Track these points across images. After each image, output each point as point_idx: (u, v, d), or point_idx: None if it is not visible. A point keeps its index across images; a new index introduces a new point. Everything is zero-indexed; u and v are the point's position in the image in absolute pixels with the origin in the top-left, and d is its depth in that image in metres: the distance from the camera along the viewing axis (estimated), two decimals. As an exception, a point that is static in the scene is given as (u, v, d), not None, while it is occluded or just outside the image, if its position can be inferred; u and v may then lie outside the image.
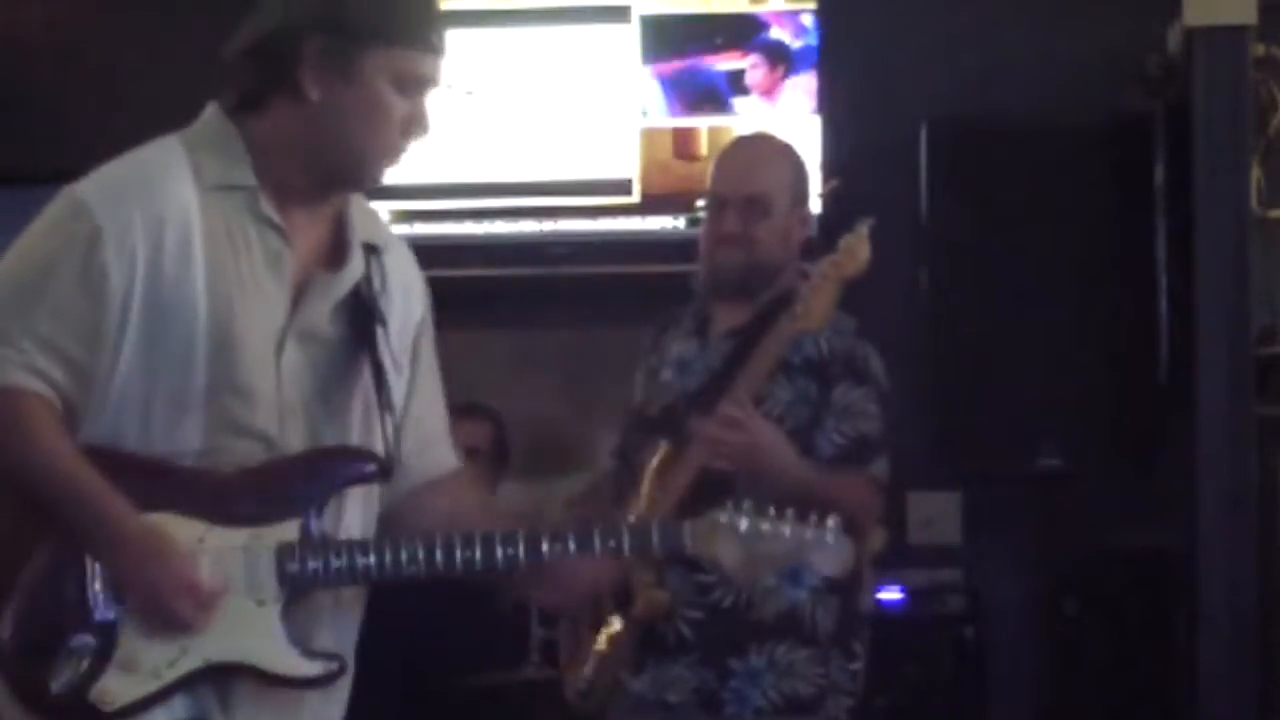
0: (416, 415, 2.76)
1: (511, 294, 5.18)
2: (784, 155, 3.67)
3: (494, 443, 4.94)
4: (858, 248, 3.33)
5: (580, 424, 5.36)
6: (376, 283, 2.68)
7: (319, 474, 2.61)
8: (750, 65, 5.05)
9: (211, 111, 2.63)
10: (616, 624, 3.48)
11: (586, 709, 3.56)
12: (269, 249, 2.58)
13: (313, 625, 2.62)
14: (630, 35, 5.10)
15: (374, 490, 2.69)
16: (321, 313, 2.62)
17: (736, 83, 5.04)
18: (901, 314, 4.55)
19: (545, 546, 2.64)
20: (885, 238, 3.38)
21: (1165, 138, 4.72)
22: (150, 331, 2.51)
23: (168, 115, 2.72)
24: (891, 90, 5.08)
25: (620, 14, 5.12)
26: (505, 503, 5.04)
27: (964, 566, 5.03)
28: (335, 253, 2.65)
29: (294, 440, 2.59)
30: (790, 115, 4.98)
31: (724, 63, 5.06)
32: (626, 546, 2.66)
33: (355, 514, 2.67)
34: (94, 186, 2.55)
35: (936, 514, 5.13)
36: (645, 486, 3.49)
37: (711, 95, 5.05)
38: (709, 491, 3.42)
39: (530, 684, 4.41)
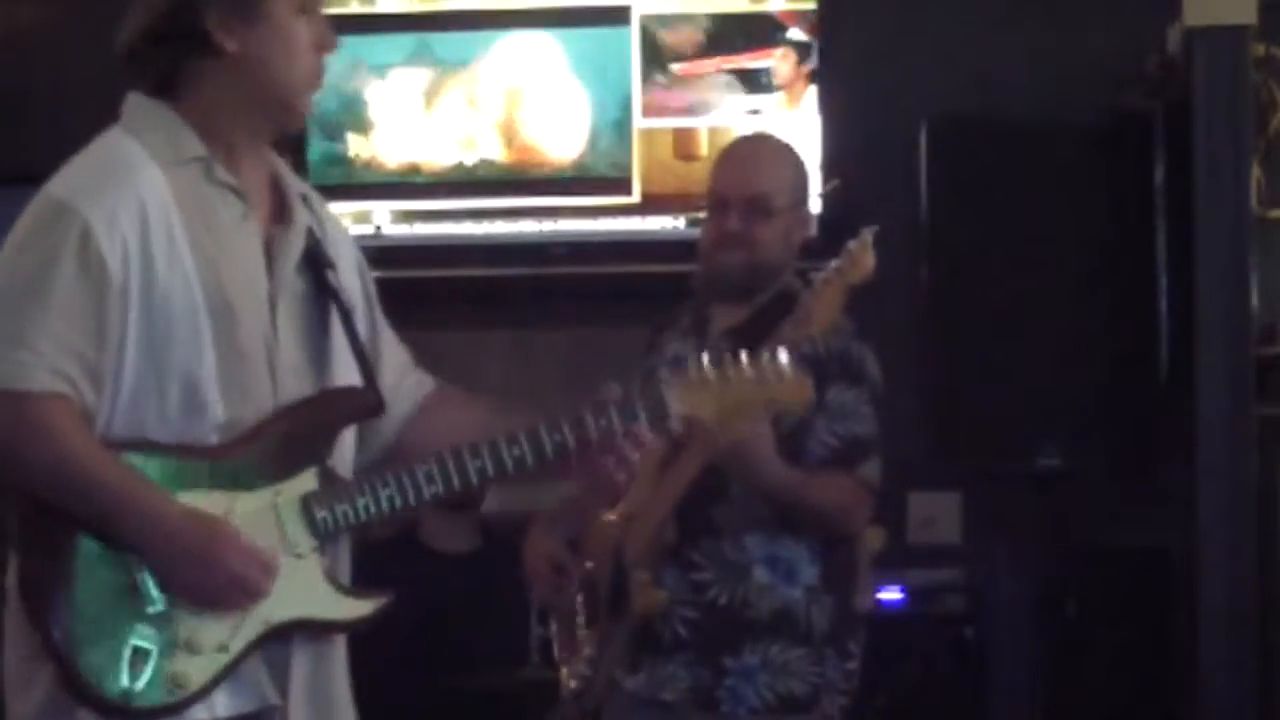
0: (385, 349, 2.83)
1: (511, 294, 5.19)
2: (785, 156, 3.66)
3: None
4: (862, 255, 3.31)
5: (580, 424, 5.35)
6: (317, 229, 2.74)
7: (320, 419, 2.64)
8: (780, 56, 5.05)
9: (135, 99, 2.65)
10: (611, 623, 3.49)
11: (582, 708, 3.56)
12: (234, 214, 2.62)
13: (339, 567, 2.67)
14: (630, 35, 5.10)
15: (352, 435, 2.72)
16: (290, 269, 2.67)
17: (760, 79, 5.05)
18: (901, 314, 4.55)
19: (546, 440, 2.67)
20: (885, 237, 3.38)
21: (1165, 138, 4.72)
22: (152, 317, 2.52)
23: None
24: (891, 90, 5.08)
25: (620, 14, 5.12)
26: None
27: (964, 566, 5.03)
28: (281, 209, 2.70)
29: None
30: (804, 113, 4.99)
31: (751, 60, 5.07)
32: (617, 422, 2.69)
33: (346, 457, 2.70)
34: (68, 184, 2.57)
35: (936, 514, 5.14)
36: (643, 485, 3.48)
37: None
38: (707, 491, 3.43)
39: (530, 684, 4.41)
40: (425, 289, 5.14)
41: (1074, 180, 4.76)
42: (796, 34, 5.06)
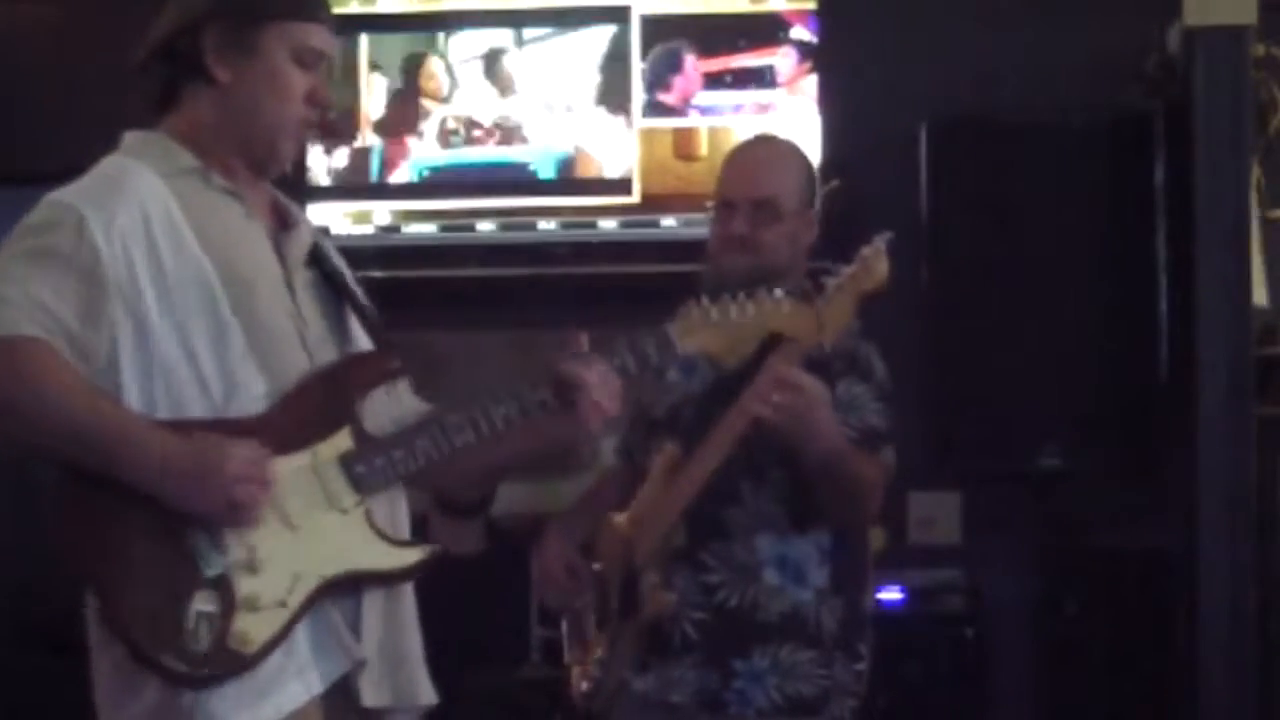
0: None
1: (511, 294, 5.18)
2: (793, 158, 3.65)
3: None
4: (875, 263, 3.29)
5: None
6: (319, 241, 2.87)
7: (349, 380, 2.74)
8: (782, 55, 5.05)
9: (131, 135, 2.75)
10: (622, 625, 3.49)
11: (592, 709, 3.56)
12: (236, 213, 2.74)
13: (392, 519, 2.76)
14: (630, 35, 5.10)
15: (384, 396, 2.82)
16: (300, 260, 2.78)
17: (764, 76, 5.05)
18: (901, 314, 4.54)
19: (568, 376, 2.79)
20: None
21: (1165, 138, 4.72)
22: (171, 303, 2.60)
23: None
24: (891, 90, 5.08)
25: (620, 14, 5.13)
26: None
27: (964, 566, 5.03)
28: (282, 221, 2.82)
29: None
30: (804, 107, 5.00)
31: (755, 59, 5.07)
32: (631, 363, 2.85)
33: (382, 417, 2.80)
34: (67, 191, 2.65)
35: (936, 514, 5.14)
36: (651, 488, 3.48)
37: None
38: (718, 492, 3.43)
39: (530, 684, 4.41)
40: (425, 289, 5.15)
41: (1074, 180, 4.76)
42: (801, 33, 5.06)
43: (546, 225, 5.16)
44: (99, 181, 2.67)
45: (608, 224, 5.12)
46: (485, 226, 5.17)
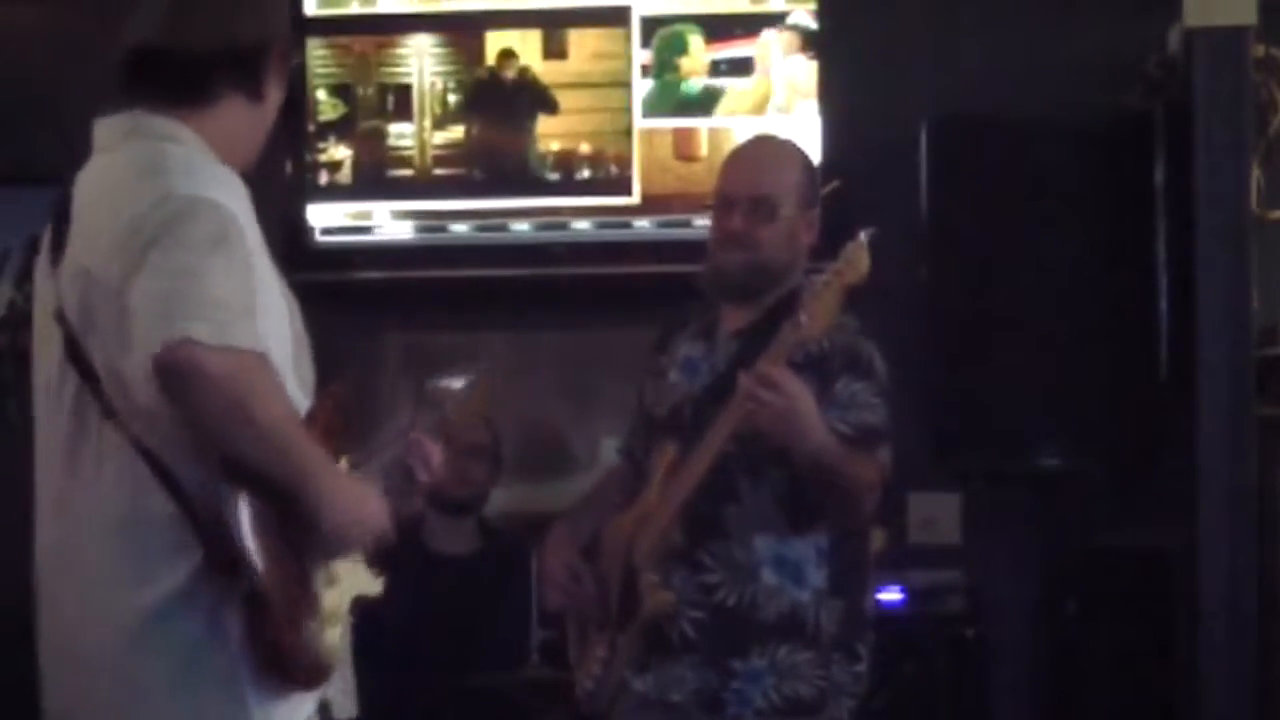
0: None
1: (511, 294, 5.18)
2: (792, 157, 3.66)
3: (493, 442, 4.94)
4: (858, 256, 3.31)
5: (579, 424, 5.36)
6: None
7: (338, 412, 2.79)
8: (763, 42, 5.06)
9: (174, 127, 2.70)
10: (623, 625, 3.49)
11: (594, 709, 3.57)
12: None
13: None
14: (630, 36, 5.10)
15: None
16: None
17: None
18: (901, 314, 4.54)
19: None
20: (885, 237, 3.38)
21: (1165, 138, 4.72)
22: (268, 317, 2.62)
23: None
24: (892, 89, 5.09)
25: (620, 14, 5.12)
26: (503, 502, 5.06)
27: (964, 566, 5.03)
28: None
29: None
30: (795, 81, 5.01)
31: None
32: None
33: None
34: (190, 183, 2.61)
35: (936, 514, 5.14)
36: (653, 488, 3.49)
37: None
38: (717, 492, 3.43)
39: (530, 684, 4.41)
40: (425, 289, 5.15)
41: (1074, 180, 4.76)
42: (801, 17, 5.06)
43: (546, 225, 5.15)
44: (206, 169, 2.65)
45: (608, 224, 5.12)
46: (485, 227, 5.17)
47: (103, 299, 2.55)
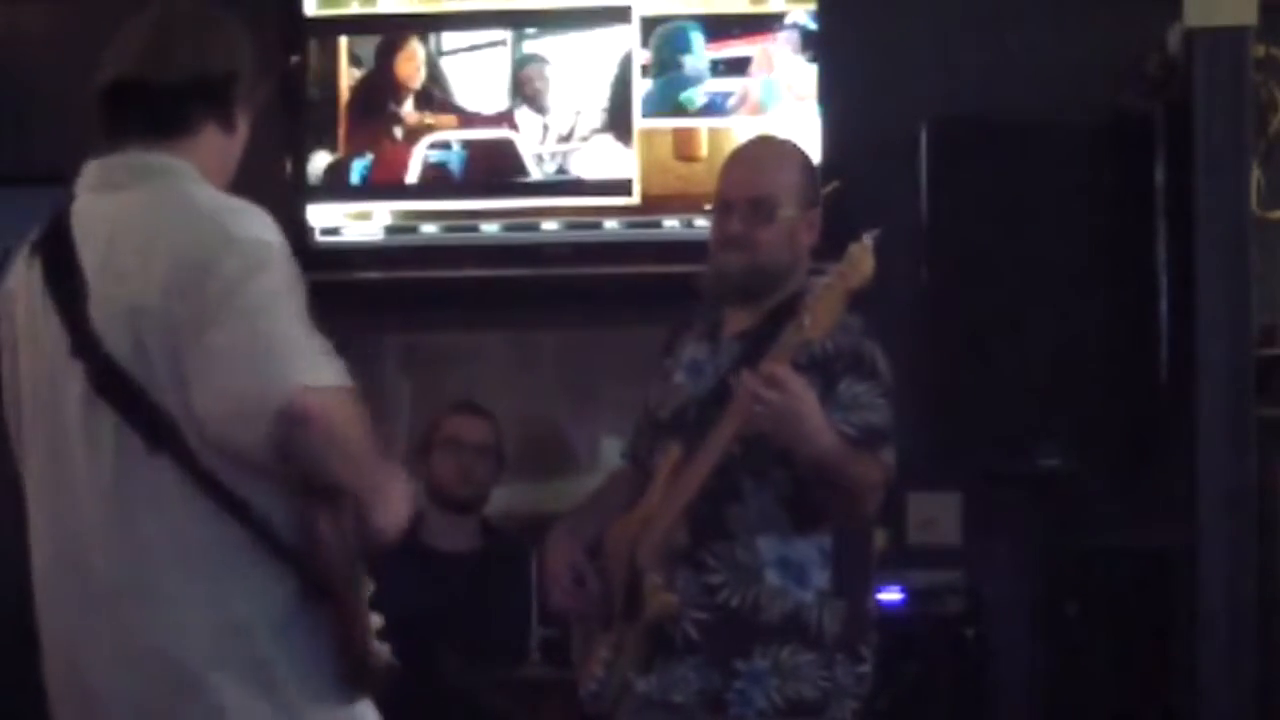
0: None
1: (511, 294, 5.18)
2: (792, 158, 3.65)
3: (497, 441, 4.95)
4: (862, 258, 3.29)
5: (579, 424, 5.36)
6: None
7: None
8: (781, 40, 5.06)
9: (184, 165, 2.72)
10: (626, 625, 3.49)
11: (598, 709, 3.56)
12: None
13: None
14: (630, 36, 5.11)
15: None
16: None
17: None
18: (901, 314, 4.54)
19: None
20: (885, 237, 3.38)
21: (1165, 138, 4.72)
22: None
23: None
24: (891, 90, 5.09)
25: (620, 14, 5.13)
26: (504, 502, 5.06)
27: (964, 566, 5.02)
28: None
29: None
30: (792, 81, 5.01)
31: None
32: None
33: None
34: (252, 226, 2.63)
35: (936, 514, 5.14)
36: (657, 489, 3.49)
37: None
38: (720, 492, 3.43)
39: (530, 684, 4.41)
40: (425, 289, 5.15)
41: (1074, 180, 4.76)
42: (800, 16, 5.06)
43: (547, 226, 5.15)
44: (252, 214, 2.67)
45: (608, 225, 5.12)
46: (486, 227, 5.17)
47: (161, 338, 2.56)
